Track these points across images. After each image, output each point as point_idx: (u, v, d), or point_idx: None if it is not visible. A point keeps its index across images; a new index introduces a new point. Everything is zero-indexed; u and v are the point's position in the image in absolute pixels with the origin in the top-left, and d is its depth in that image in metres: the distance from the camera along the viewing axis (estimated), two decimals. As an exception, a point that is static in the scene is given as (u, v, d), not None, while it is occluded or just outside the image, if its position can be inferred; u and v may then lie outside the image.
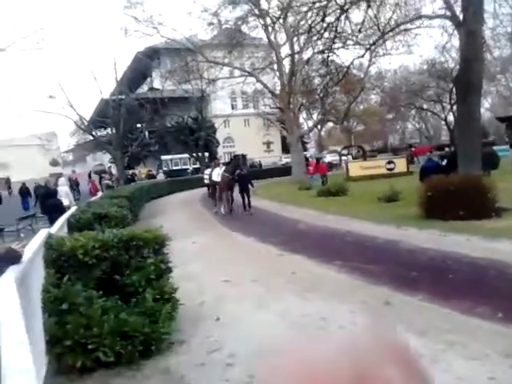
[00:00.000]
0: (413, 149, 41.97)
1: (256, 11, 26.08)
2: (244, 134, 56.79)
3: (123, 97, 33.51)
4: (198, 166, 47.73)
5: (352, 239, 9.46)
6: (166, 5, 45.51)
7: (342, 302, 5.34)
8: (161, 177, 41.94)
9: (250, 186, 15.31)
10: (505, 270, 6.12)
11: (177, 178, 36.81)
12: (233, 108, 58.26)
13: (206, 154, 48.93)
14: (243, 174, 15.27)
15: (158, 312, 4.21)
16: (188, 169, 47.19)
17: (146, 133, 50.02)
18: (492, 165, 21.98)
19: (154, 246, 4.46)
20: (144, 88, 54.21)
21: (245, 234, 11.22)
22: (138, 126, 47.35)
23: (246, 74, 28.81)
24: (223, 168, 15.99)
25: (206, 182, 20.14)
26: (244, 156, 16.09)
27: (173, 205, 22.26)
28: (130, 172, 42.96)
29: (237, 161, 15.69)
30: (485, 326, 4.36)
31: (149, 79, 53.64)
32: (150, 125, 47.25)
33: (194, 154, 47.95)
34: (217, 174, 15.90)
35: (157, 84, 46.83)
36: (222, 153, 54.06)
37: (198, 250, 9.64)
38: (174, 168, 48.49)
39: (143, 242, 4.37)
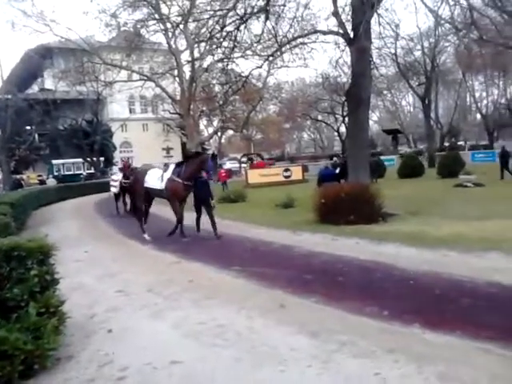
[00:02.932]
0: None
1: (156, 15, 25.58)
2: (142, 139, 55.47)
3: (10, 97, 31.11)
4: (92, 171, 45.70)
5: (250, 245, 9.57)
6: (60, 2, 42.93)
7: (239, 307, 5.36)
8: (52, 182, 39.57)
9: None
10: (390, 271, 6.55)
11: (69, 184, 34.86)
12: (131, 112, 56.65)
13: (102, 159, 47.00)
14: (202, 179, 10.89)
15: (43, 327, 3.90)
16: (81, 174, 44.96)
17: (36, 135, 46.88)
18: (379, 173, 23.67)
19: (38, 257, 4.12)
20: (34, 88, 50.89)
21: (141, 241, 10.90)
22: (27, 128, 44.29)
23: (145, 78, 28.13)
24: (170, 169, 11.14)
25: (115, 190, 17.67)
26: (214, 156, 11.69)
27: (64, 212, 21.02)
28: (18, 177, 40.06)
29: (200, 160, 10.82)
30: (373, 325, 4.60)
31: (40, 79, 50.42)
32: (40, 127, 44.45)
33: (89, 159, 45.84)
34: (156, 177, 11.12)
35: (49, 84, 44.07)
36: (119, 158, 52.27)
37: (90, 259, 9.17)
38: (67, 173, 45.98)
39: (26, 252, 4.01)
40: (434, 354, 3.83)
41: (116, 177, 18.56)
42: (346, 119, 22.21)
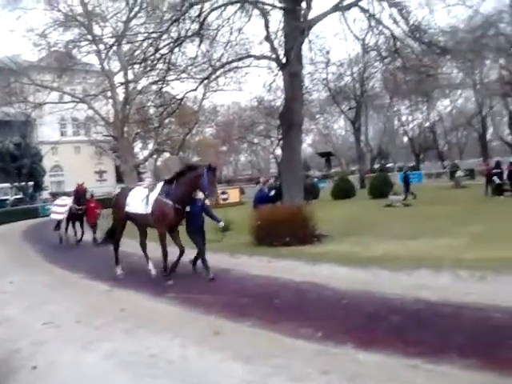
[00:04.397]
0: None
1: (89, 36, 25.13)
2: (74, 163, 53.60)
3: None
4: (21, 196, 43.52)
5: (186, 270, 9.40)
6: (-17, 19, 41.17)
7: (172, 335, 5.21)
8: (-26, 208, 37.23)
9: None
10: (324, 292, 6.64)
11: (-7, 210, 32.97)
12: (62, 134, 54.75)
13: (31, 184, 44.91)
14: (199, 205, 8.59)
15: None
16: (7, 199, 42.66)
17: (-43, 158, 44.13)
18: (313, 195, 24.21)
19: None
20: (-46, 109, 48.02)
21: (71, 269, 10.42)
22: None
23: (77, 100, 27.37)
24: (158, 187, 8.69)
25: (59, 216, 15.45)
26: (214, 169, 8.43)
27: (-13, 240, 19.76)
28: None
29: (194, 176, 8.26)
30: (307, 347, 4.62)
31: (-38, 99, 47.68)
32: (-39, 149, 41.90)
33: (17, 184, 43.66)
34: (140, 199, 8.72)
35: (-28, 105, 41.85)
36: (49, 182, 50.17)
37: (16, 290, 8.64)
38: (-8, 198, 43.47)
39: None
40: (366, 373, 3.90)
41: (62, 201, 16.26)
42: (281, 142, 22.71)
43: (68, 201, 15.81)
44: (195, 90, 17.44)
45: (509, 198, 19.09)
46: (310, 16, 12.88)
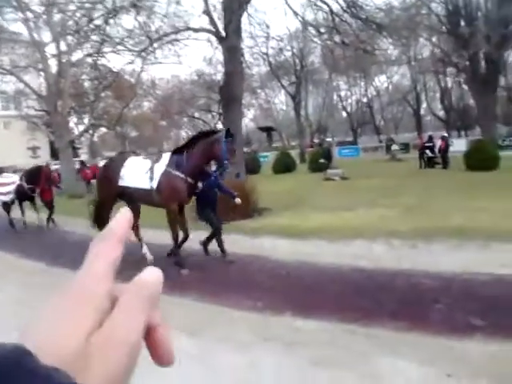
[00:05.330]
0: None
1: (14, 2, 23.58)
2: (4, 138, 50.80)
3: None
4: None
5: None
6: None
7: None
8: None
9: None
10: (265, 264, 6.80)
11: None
12: (-11, 109, 51.64)
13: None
14: (213, 179, 7.27)
15: None
16: None
17: None
18: (255, 169, 24.42)
19: None
20: None
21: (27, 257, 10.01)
22: None
23: (5, 71, 25.79)
24: (165, 158, 7.19)
25: (5, 198, 13.00)
26: (232, 135, 7.00)
27: None
28: None
29: (210, 143, 6.83)
30: (250, 317, 4.75)
31: None
32: None
33: None
34: (142, 171, 7.17)
35: None
36: (-23, 160, 47.37)
37: None
38: None
39: None
40: (304, 339, 4.07)
41: (6, 179, 13.70)
42: (222, 116, 22.59)
43: (12, 178, 13.57)
44: (132, 62, 16.94)
45: (440, 170, 20.15)
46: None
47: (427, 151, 21.97)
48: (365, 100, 55.03)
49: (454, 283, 5.21)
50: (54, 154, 45.21)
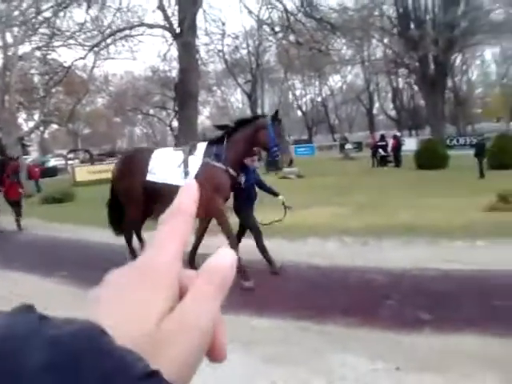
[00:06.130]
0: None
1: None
2: None
3: None
4: None
5: (82, 247, 9.07)
6: None
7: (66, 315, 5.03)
8: None
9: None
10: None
11: None
12: None
13: None
14: (252, 175, 6.38)
15: None
16: None
17: None
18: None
19: None
20: None
21: None
22: None
23: None
24: (201, 149, 6.19)
25: None
26: (280, 120, 6.11)
27: None
28: None
29: (254, 129, 5.97)
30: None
31: None
32: None
33: None
34: (175, 164, 6.11)
35: None
36: None
37: None
38: None
39: None
40: (260, 338, 4.09)
41: None
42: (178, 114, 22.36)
43: None
44: (84, 57, 16.47)
45: (392, 168, 20.72)
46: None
47: (380, 150, 22.54)
48: (319, 99, 55.86)
49: (404, 279, 5.38)
50: (2, 152, 43.44)
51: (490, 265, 5.72)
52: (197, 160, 6.02)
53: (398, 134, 27.64)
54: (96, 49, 18.09)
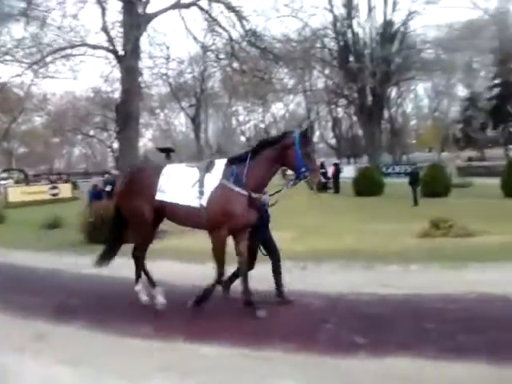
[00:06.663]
0: None
1: None
2: None
3: None
4: None
5: (10, 271, 8.57)
6: None
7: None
8: None
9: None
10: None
11: None
12: None
13: None
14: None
15: None
16: None
17: None
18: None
19: None
20: None
21: None
22: None
23: None
24: (219, 167, 5.48)
25: None
26: (306, 135, 5.35)
27: None
28: None
29: (281, 148, 5.33)
30: (143, 345, 4.55)
31: None
32: None
33: None
34: (189, 183, 5.43)
35: None
36: None
37: None
38: None
39: None
40: (198, 366, 4.00)
41: None
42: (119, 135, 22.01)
43: None
44: (20, 75, 15.91)
45: (332, 194, 21.32)
46: (149, 10, 12.74)
47: (320, 176, 23.14)
48: (263, 126, 56.75)
49: (340, 303, 5.46)
50: None
51: (422, 289, 5.95)
52: (214, 179, 5.37)
53: (338, 161, 28.51)
54: (35, 66, 17.55)
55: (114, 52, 12.99)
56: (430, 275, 6.69)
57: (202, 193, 5.29)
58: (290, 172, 5.71)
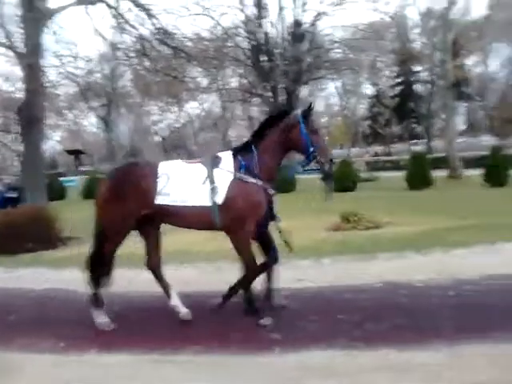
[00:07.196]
0: None
1: None
2: None
3: None
4: None
5: None
6: None
7: None
8: None
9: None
10: (67, 298, 6.30)
11: None
12: None
13: None
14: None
15: None
16: None
17: None
18: (59, 195, 22.90)
19: None
20: None
21: None
22: None
23: None
24: (227, 160, 4.95)
25: None
26: (311, 110, 4.99)
27: None
28: None
29: (286, 128, 4.92)
30: (47, 359, 4.31)
31: None
32: None
33: None
34: (197, 181, 4.80)
35: None
36: None
37: None
38: None
39: None
40: (110, 375, 3.86)
41: None
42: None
43: None
44: None
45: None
46: (53, 5, 12.11)
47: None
48: (177, 125, 56.10)
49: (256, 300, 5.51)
50: None
51: (334, 281, 6.18)
52: (226, 174, 4.84)
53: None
54: None
55: (14, 50, 12.20)
56: (341, 267, 6.96)
57: (215, 190, 4.74)
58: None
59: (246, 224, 4.78)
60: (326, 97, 59.92)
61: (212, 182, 4.75)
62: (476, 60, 48.92)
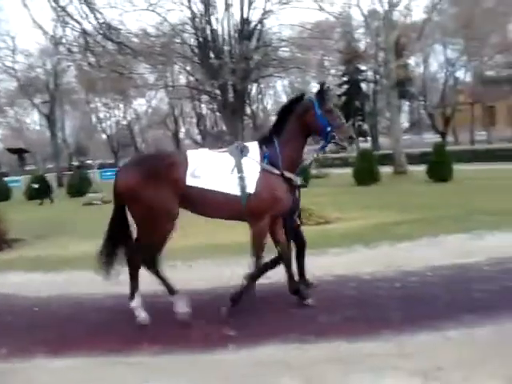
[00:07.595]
0: None
1: None
2: None
3: None
4: None
5: None
6: None
7: None
8: None
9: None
10: (12, 302, 6.04)
11: None
12: None
13: None
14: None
15: None
16: None
17: None
18: (5, 196, 21.95)
19: None
20: None
21: None
22: None
23: None
24: (254, 150, 4.97)
25: None
26: (325, 91, 4.98)
27: None
28: None
29: (303, 112, 4.94)
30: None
31: None
32: None
33: None
34: (226, 168, 4.82)
35: None
36: None
37: None
38: None
39: None
40: (60, 381, 3.77)
41: None
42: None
43: None
44: None
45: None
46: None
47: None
48: (125, 122, 54.91)
49: (210, 299, 5.51)
50: None
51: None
52: (253, 164, 4.85)
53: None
54: None
55: None
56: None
57: (242, 179, 4.76)
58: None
59: (264, 215, 4.84)
60: (274, 94, 60.36)
61: (240, 171, 4.78)
62: (417, 61, 50.72)
